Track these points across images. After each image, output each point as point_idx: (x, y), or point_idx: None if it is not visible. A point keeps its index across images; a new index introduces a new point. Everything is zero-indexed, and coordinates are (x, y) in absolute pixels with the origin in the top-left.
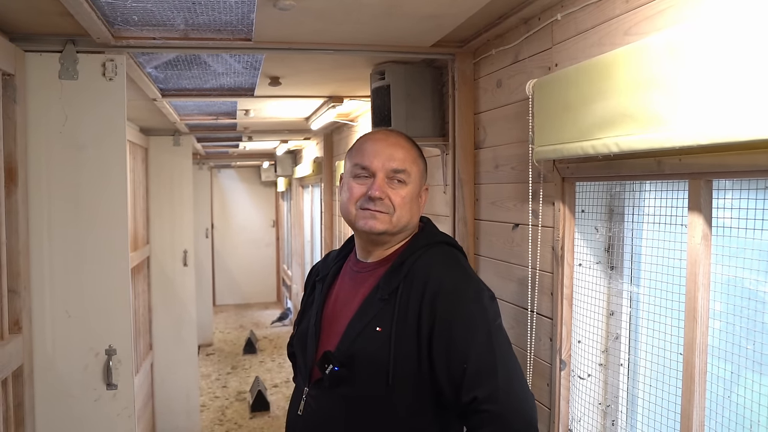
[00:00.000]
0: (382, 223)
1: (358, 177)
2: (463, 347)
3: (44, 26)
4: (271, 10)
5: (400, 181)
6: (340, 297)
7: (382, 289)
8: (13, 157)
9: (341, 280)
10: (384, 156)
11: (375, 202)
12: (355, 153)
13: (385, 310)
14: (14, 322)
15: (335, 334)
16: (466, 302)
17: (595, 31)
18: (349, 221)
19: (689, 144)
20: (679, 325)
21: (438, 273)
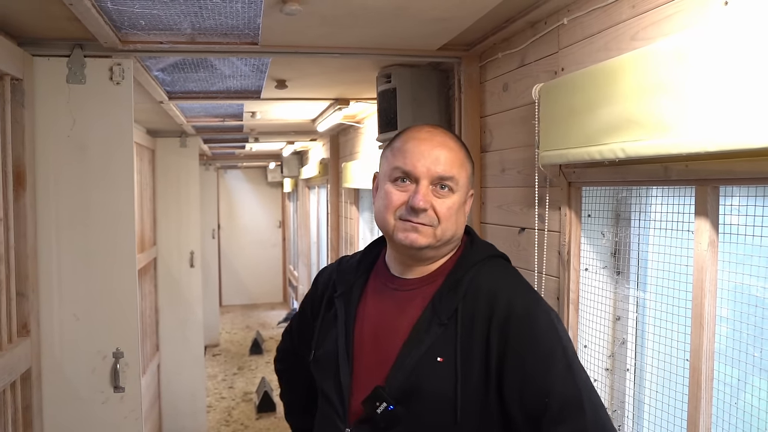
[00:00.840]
0: (426, 237)
1: (398, 182)
2: (542, 381)
3: (52, 31)
4: (277, 15)
5: (446, 188)
6: (376, 319)
7: (439, 311)
8: (22, 161)
9: (372, 299)
10: (429, 159)
11: (418, 213)
12: (396, 153)
13: (444, 337)
14: (23, 326)
15: (377, 364)
16: (542, 329)
17: (602, 35)
18: (386, 232)
19: (696, 151)
20: (685, 331)
21: (506, 294)
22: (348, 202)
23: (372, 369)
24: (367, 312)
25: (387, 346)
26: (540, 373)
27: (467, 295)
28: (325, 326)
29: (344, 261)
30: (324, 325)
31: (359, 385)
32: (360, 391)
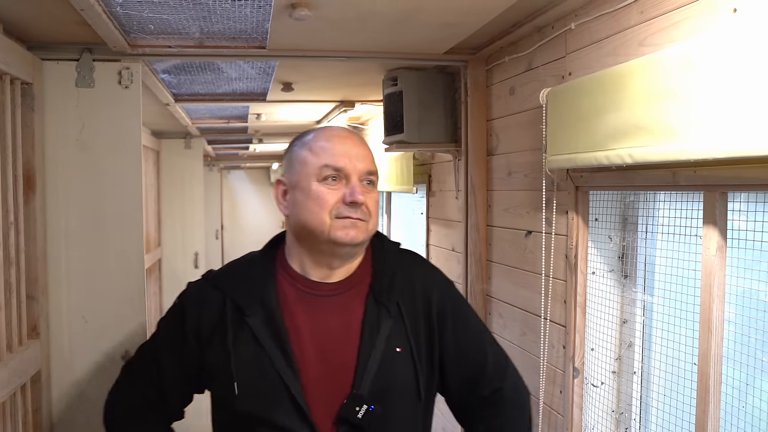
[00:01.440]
0: (362, 232)
1: (328, 180)
2: (477, 353)
3: (61, 35)
4: (286, 20)
5: (371, 184)
6: (313, 330)
7: (386, 306)
8: (31, 164)
9: (299, 310)
10: (355, 156)
11: (357, 208)
12: (319, 153)
13: (395, 329)
14: (32, 328)
15: (331, 373)
16: (468, 309)
17: (610, 41)
18: (320, 233)
19: (704, 157)
20: (693, 335)
21: (432, 282)
22: None
23: (324, 380)
24: (298, 324)
25: (337, 352)
26: (475, 348)
27: (403, 288)
28: (240, 354)
29: (222, 278)
30: (239, 352)
31: (315, 401)
32: (319, 406)
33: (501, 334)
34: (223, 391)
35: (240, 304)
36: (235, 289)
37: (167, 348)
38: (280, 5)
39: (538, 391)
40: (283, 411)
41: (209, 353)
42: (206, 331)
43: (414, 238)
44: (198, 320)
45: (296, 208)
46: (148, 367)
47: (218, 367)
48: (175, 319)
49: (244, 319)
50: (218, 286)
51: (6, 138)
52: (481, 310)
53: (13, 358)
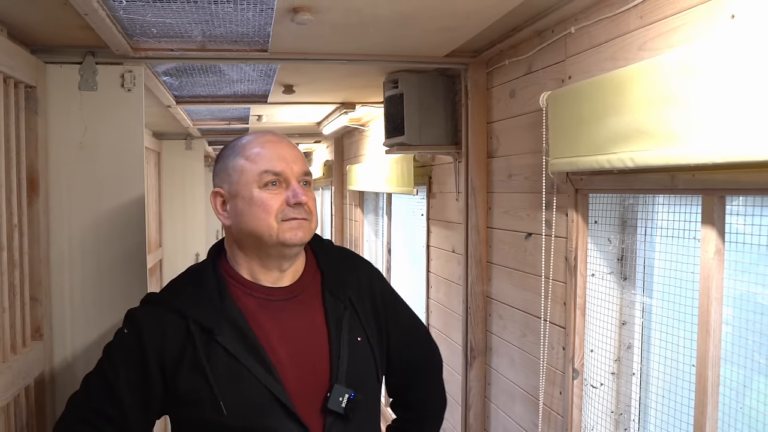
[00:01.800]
0: (308, 231)
1: (269, 186)
2: (408, 323)
3: (65, 38)
4: (288, 24)
5: (308, 184)
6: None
7: (341, 300)
8: (35, 167)
9: (264, 319)
10: (291, 159)
11: (300, 208)
12: (256, 159)
13: (352, 321)
14: (36, 330)
15: (308, 374)
16: (390, 287)
17: (609, 45)
18: (268, 237)
19: (704, 162)
20: (691, 337)
21: (370, 273)
22: (352, 205)
23: (302, 379)
24: (266, 332)
25: (308, 351)
26: (409, 326)
27: (351, 282)
28: (218, 373)
29: (178, 300)
30: (216, 372)
31: (298, 400)
32: (302, 404)
33: (501, 335)
34: (207, 414)
35: (206, 325)
36: (197, 311)
37: (126, 383)
38: (282, 10)
39: (538, 391)
40: (273, 416)
41: (179, 381)
42: (171, 359)
43: (414, 239)
44: (161, 349)
45: (240, 216)
46: (105, 406)
47: (195, 393)
48: (132, 350)
49: (214, 338)
50: (177, 310)
51: (10, 141)
52: (481, 312)
53: (17, 360)
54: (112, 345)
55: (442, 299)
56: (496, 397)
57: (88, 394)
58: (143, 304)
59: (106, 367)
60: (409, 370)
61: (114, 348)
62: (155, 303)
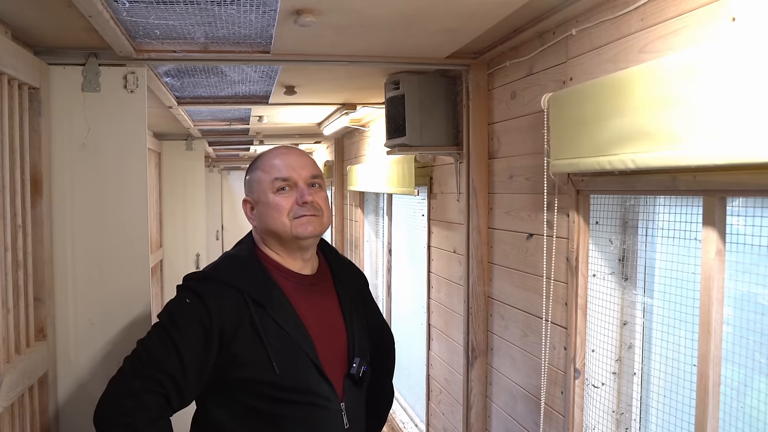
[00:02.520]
0: (318, 225)
1: (280, 191)
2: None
3: (68, 40)
4: (291, 26)
5: (318, 185)
6: (315, 315)
7: (347, 291)
8: (38, 168)
9: (301, 300)
10: (298, 165)
11: (308, 206)
12: (269, 170)
13: (354, 307)
14: (39, 330)
15: (333, 346)
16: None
17: (610, 47)
18: (284, 233)
19: (705, 163)
20: (692, 337)
21: (356, 269)
22: (353, 205)
23: (329, 349)
24: (303, 309)
25: (331, 328)
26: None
27: (349, 277)
28: (271, 340)
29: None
30: (270, 340)
31: (326, 365)
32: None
33: (502, 335)
34: (262, 374)
35: (260, 300)
36: (251, 288)
37: (189, 345)
38: (285, 12)
39: (539, 391)
40: (311, 376)
41: (237, 346)
42: (230, 327)
43: (415, 239)
44: (222, 318)
45: (262, 218)
46: (167, 364)
47: (252, 356)
48: (198, 318)
49: (266, 311)
50: (233, 285)
51: (14, 142)
52: (482, 312)
53: (21, 360)
54: (174, 311)
55: (443, 299)
56: (498, 396)
57: (150, 355)
58: (199, 280)
59: (171, 330)
60: (377, 358)
61: (177, 314)
62: (211, 278)
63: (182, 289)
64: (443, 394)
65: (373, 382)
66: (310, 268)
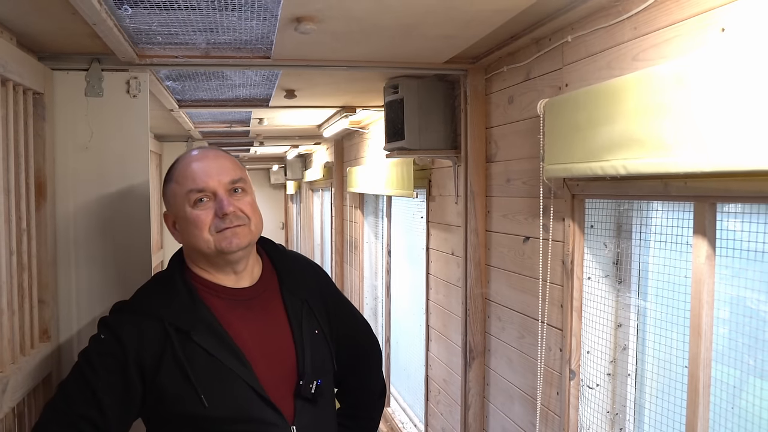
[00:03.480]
0: (245, 235)
1: (198, 204)
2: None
3: (71, 46)
4: (291, 33)
5: (241, 190)
6: (252, 332)
7: (298, 298)
8: (43, 172)
9: (234, 318)
10: (214, 171)
11: (230, 218)
12: (182, 180)
13: (308, 316)
14: (43, 331)
15: (277, 364)
16: (335, 287)
17: (604, 54)
18: (207, 249)
19: (693, 170)
20: (684, 339)
21: (315, 270)
22: (352, 206)
23: (272, 369)
24: (236, 329)
25: (275, 343)
26: (353, 322)
27: (304, 282)
28: (197, 369)
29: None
30: (194, 369)
31: (270, 388)
32: (274, 391)
33: (499, 337)
34: (190, 408)
35: (183, 327)
36: (172, 314)
37: (107, 386)
38: (286, 19)
39: (536, 392)
40: (250, 404)
41: (161, 380)
42: (151, 361)
43: (413, 241)
44: (140, 352)
45: (183, 234)
46: (85, 409)
47: (177, 390)
48: (111, 354)
49: (191, 338)
50: (153, 314)
51: (19, 147)
52: (480, 313)
53: (26, 362)
54: (90, 350)
55: (442, 301)
56: (495, 397)
57: (66, 399)
58: (117, 312)
59: (86, 371)
60: (353, 360)
61: (92, 353)
62: (129, 310)
63: (100, 325)
64: (442, 395)
65: (353, 386)
66: (248, 280)
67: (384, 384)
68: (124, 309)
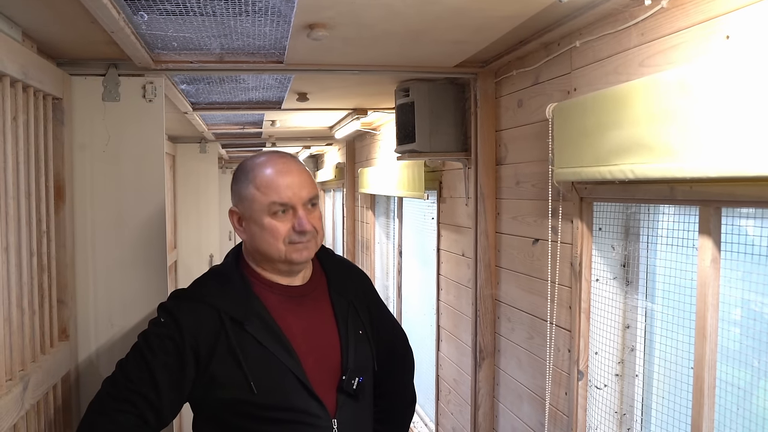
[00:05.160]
0: (313, 248)
1: (277, 215)
2: (390, 323)
3: (89, 52)
4: (304, 39)
5: (313, 205)
6: (301, 327)
7: (345, 299)
8: (61, 175)
9: (286, 313)
10: (298, 188)
11: (306, 234)
12: (265, 190)
13: (353, 316)
14: (62, 331)
15: (323, 358)
16: (376, 292)
17: (612, 60)
18: (277, 257)
19: (699, 176)
20: (690, 341)
21: (359, 273)
22: (364, 207)
23: (318, 363)
24: (288, 323)
25: (322, 339)
26: (391, 326)
27: (350, 285)
28: (249, 358)
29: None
30: (247, 357)
31: (314, 380)
32: (318, 384)
33: (509, 337)
34: (240, 393)
35: (237, 317)
36: (228, 304)
37: (164, 366)
38: (298, 26)
39: (545, 392)
40: (296, 394)
41: (214, 365)
42: (206, 346)
43: (425, 242)
44: (196, 337)
45: (253, 237)
46: (142, 387)
47: (229, 375)
48: (170, 337)
49: (244, 328)
50: (210, 303)
51: (39, 151)
52: (489, 314)
53: (46, 360)
54: (150, 332)
55: (452, 301)
56: (504, 397)
57: (125, 376)
58: (176, 298)
59: (145, 351)
60: (389, 365)
61: (152, 334)
62: (188, 297)
63: (159, 309)
64: (452, 394)
65: (387, 391)
66: (301, 279)
67: (415, 393)
68: (182, 296)
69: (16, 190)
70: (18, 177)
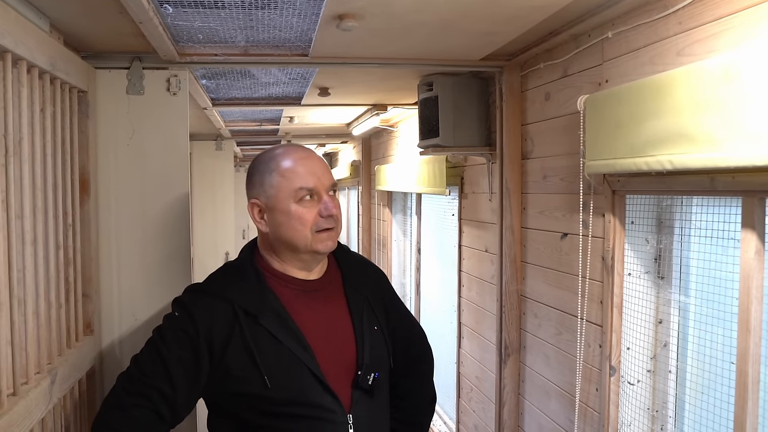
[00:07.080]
0: (336, 238)
1: (304, 200)
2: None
3: (114, 44)
4: (332, 30)
5: (334, 192)
6: (316, 321)
7: (361, 294)
8: (86, 168)
9: (301, 307)
10: (320, 173)
11: (333, 219)
12: (290, 176)
13: (368, 312)
14: (87, 325)
15: (337, 353)
16: (392, 288)
17: (647, 50)
18: (303, 246)
19: (745, 165)
20: (730, 335)
21: (374, 269)
22: (381, 205)
23: (333, 357)
24: (303, 317)
25: (337, 334)
26: (408, 323)
27: (366, 280)
28: (263, 352)
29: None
30: (261, 351)
31: (329, 375)
32: (333, 379)
33: (536, 333)
34: (254, 388)
35: (251, 310)
36: (242, 298)
37: (178, 360)
38: (328, 16)
39: (574, 388)
40: (310, 389)
41: (228, 359)
42: (220, 340)
43: (444, 238)
44: (210, 331)
45: (278, 227)
46: (157, 381)
47: (243, 369)
48: (184, 331)
49: (258, 322)
50: (224, 297)
51: (65, 144)
52: (515, 310)
53: (71, 354)
54: (164, 326)
55: (475, 298)
56: (531, 394)
57: (140, 370)
58: (190, 293)
59: (160, 346)
60: (407, 362)
61: (166, 329)
62: (202, 291)
63: (174, 303)
64: (474, 392)
65: (406, 390)
66: (316, 273)
67: (435, 392)
68: (197, 290)
69: (44, 183)
70: (45, 170)
